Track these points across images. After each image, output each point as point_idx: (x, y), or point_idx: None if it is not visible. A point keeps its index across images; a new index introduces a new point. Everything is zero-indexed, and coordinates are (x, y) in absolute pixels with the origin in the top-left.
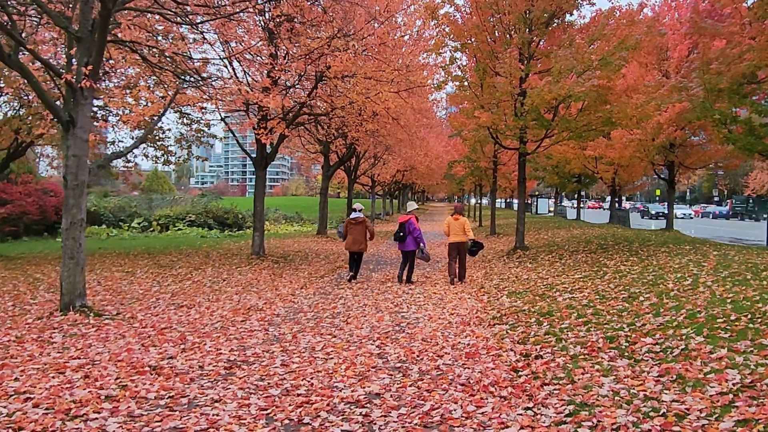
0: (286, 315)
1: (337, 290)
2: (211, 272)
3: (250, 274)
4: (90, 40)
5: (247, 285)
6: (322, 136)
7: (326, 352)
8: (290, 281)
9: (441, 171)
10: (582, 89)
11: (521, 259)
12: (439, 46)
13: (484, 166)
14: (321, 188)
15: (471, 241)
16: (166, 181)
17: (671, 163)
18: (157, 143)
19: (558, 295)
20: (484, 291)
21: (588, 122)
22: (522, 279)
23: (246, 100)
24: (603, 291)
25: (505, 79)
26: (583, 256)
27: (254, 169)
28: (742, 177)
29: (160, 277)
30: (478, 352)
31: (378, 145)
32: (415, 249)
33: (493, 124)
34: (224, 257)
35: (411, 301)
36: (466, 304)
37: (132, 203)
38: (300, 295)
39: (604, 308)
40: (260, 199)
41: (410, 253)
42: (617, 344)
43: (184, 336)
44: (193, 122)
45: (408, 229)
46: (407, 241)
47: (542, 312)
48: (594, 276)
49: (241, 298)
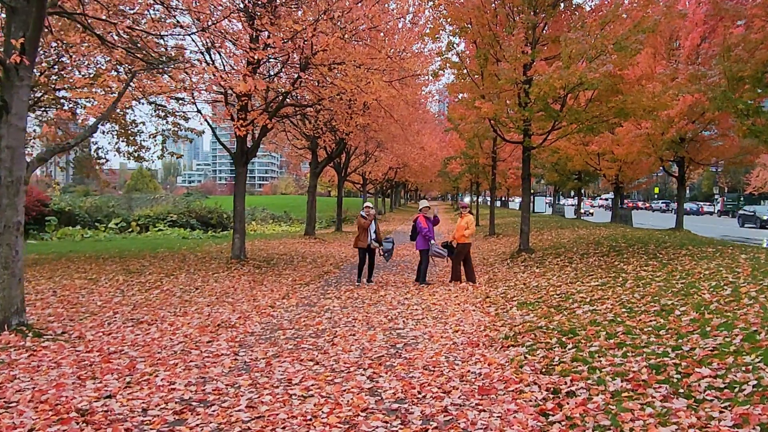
0: (261, 333)
1: (324, 300)
2: (183, 279)
3: (227, 281)
4: (26, 11)
5: (221, 294)
6: (310, 130)
7: (305, 386)
8: (271, 290)
9: (435, 168)
10: (596, 76)
11: (527, 262)
12: (436, 30)
13: (482, 163)
14: (309, 186)
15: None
16: (151, 179)
17: (681, 159)
18: (129, 138)
19: (576, 307)
20: (490, 301)
21: (599, 113)
22: (531, 287)
23: (224, 90)
24: (629, 302)
25: (509, 65)
26: (595, 260)
27: (234, 166)
28: (744, 175)
29: (126, 285)
30: (493, 387)
31: (369, 141)
32: (426, 248)
33: (496, 116)
34: (202, 261)
35: (407, 314)
36: (472, 317)
37: (110, 203)
38: (280, 307)
39: (635, 325)
40: (241, 197)
41: (422, 252)
42: (666, 376)
43: (134, 364)
44: (168, 114)
45: (418, 228)
46: (417, 239)
47: (563, 329)
48: (613, 283)
49: (212, 311)
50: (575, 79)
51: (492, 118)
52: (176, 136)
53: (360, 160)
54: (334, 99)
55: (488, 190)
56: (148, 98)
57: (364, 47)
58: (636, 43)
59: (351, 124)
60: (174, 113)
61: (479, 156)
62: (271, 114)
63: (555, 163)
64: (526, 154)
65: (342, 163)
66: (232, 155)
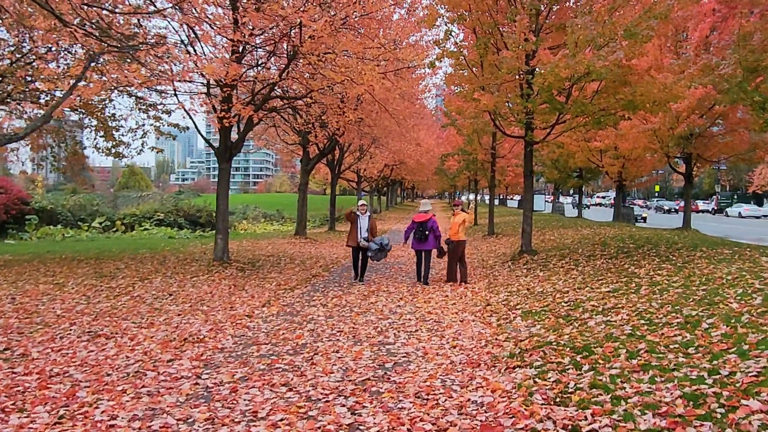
0: (232, 349)
1: (308, 308)
2: (158, 284)
3: (205, 286)
4: None
5: (197, 302)
6: (301, 125)
7: (272, 422)
8: (252, 296)
9: (432, 166)
10: (605, 64)
11: (530, 265)
12: (433, 18)
13: (481, 159)
14: (300, 183)
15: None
16: (143, 177)
17: (689, 156)
18: (107, 133)
19: (588, 318)
20: (491, 310)
21: (606, 105)
22: (536, 292)
23: (206, 80)
24: (646, 312)
25: (511, 54)
26: (603, 263)
27: (217, 162)
28: (747, 173)
29: (94, 291)
30: (499, 423)
31: (364, 137)
32: (435, 247)
33: (496, 108)
34: (182, 263)
35: (399, 326)
36: (471, 329)
37: (94, 201)
38: (259, 317)
39: (658, 340)
40: (224, 196)
41: (429, 252)
42: (707, 410)
43: (75, 390)
44: (149, 107)
45: (431, 227)
46: (429, 239)
47: (575, 346)
48: (626, 289)
49: (182, 321)
50: (582, 68)
51: (492, 111)
52: (158, 131)
53: (354, 156)
54: (325, 91)
55: (486, 188)
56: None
57: (356, 36)
58: (647, 30)
59: (342, 120)
60: (155, 106)
61: (478, 152)
62: (257, 106)
63: (555, 160)
64: (528, 150)
65: (336, 160)
66: (215, 150)
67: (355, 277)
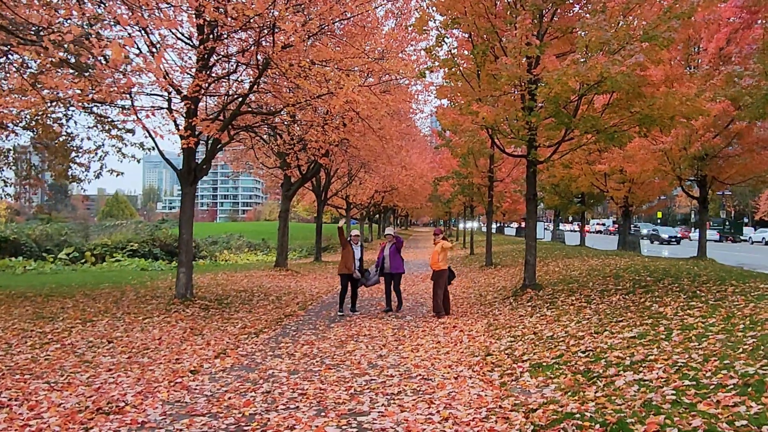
0: (156, 425)
1: (270, 360)
2: (102, 327)
3: (156, 329)
4: None
5: (139, 350)
6: (281, 146)
7: None
8: (207, 342)
9: (425, 192)
10: (621, 69)
11: (534, 302)
12: (424, 21)
13: (477, 183)
14: (280, 210)
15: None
16: (128, 205)
17: (703, 178)
18: (60, 154)
19: (615, 375)
20: (491, 361)
21: (619, 121)
22: (544, 338)
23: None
24: (688, 368)
25: (512, 60)
26: (619, 299)
27: (180, 186)
28: (753, 198)
29: (22, 336)
30: None
31: (352, 161)
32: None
33: (496, 123)
34: (140, 301)
35: (378, 385)
36: (468, 391)
37: (63, 230)
38: (207, 372)
39: (716, 412)
40: (187, 223)
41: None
42: None
43: None
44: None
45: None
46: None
47: (606, 420)
48: (654, 334)
49: (108, 380)
50: (595, 74)
51: (490, 127)
52: (121, 154)
53: (342, 182)
54: (304, 107)
55: (483, 215)
56: (84, 106)
57: (337, 44)
58: (668, 31)
59: (323, 139)
60: (114, 125)
61: (474, 175)
62: (226, 123)
63: (556, 185)
64: (531, 170)
65: (322, 186)
66: (178, 173)
67: (341, 308)
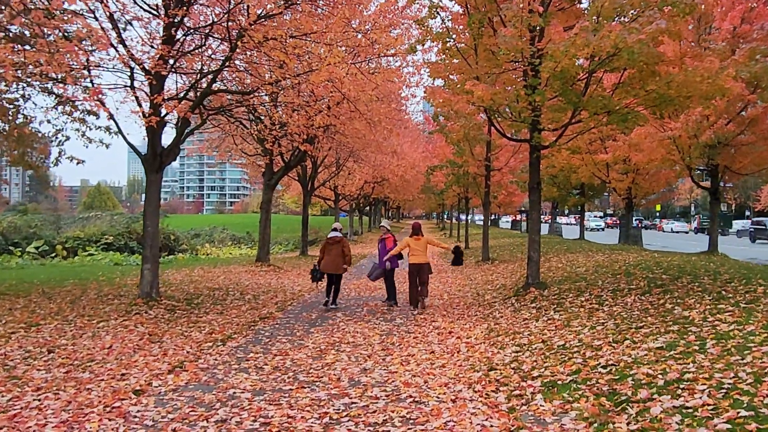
0: None
1: (234, 376)
2: (48, 333)
3: (109, 335)
4: None
5: (83, 363)
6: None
7: None
8: (165, 352)
9: (417, 183)
10: (640, 38)
11: (539, 303)
12: None
13: (473, 173)
14: (261, 201)
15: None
16: (110, 197)
17: (715, 168)
18: (12, 137)
19: (648, 399)
20: (496, 379)
21: (631, 101)
22: (555, 347)
23: (129, 67)
24: (737, 390)
25: (513, 31)
26: (635, 300)
27: (145, 173)
28: (754, 191)
29: None
30: None
31: (340, 149)
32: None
33: (494, 103)
34: (100, 301)
35: (359, 410)
36: (470, 421)
37: (32, 223)
38: (155, 392)
39: None
40: (153, 215)
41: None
42: None
43: None
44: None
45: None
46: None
47: None
48: (684, 344)
49: (32, 403)
50: (609, 44)
51: (488, 107)
52: (87, 138)
53: (330, 171)
54: (285, 87)
55: (478, 207)
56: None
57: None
58: None
59: (304, 123)
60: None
61: (469, 164)
62: (195, 103)
63: (554, 176)
64: (535, 156)
65: (308, 176)
66: (142, 158)
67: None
